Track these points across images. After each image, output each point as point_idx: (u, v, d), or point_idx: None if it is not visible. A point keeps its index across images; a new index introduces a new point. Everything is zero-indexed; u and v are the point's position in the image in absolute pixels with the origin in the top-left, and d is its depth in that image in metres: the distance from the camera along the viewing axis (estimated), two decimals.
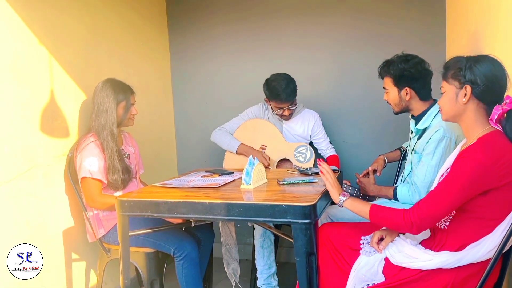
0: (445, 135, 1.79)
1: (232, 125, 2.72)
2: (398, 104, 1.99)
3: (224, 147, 2.66)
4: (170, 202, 1.64)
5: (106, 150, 2.09)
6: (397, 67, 1.92)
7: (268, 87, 2.53)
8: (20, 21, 1.93)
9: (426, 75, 1.93)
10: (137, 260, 2.08)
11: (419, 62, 1.92)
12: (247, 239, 3.08)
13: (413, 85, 1.93)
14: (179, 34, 3.31)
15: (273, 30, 3.10)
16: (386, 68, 1.98)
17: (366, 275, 1.51)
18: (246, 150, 2.58)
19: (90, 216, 2.12)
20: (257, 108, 2.77)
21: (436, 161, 1.81)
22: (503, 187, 1.29)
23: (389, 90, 2.00)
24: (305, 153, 2.58)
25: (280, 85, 2.47)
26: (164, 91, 3.30)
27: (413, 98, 1.95)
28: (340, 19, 2.96)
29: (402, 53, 1.97)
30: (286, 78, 2.51)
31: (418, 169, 1.89)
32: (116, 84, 2.17)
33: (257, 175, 1.86)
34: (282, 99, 2.49)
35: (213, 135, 2.71)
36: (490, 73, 1.34)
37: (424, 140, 1.89)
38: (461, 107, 1.41)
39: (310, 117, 2.71)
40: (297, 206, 1.49)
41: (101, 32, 2.51)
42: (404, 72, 1.91)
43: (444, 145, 1.80)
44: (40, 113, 2.03)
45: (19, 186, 1.91)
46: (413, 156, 1.97)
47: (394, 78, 1.95)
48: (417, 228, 1.38)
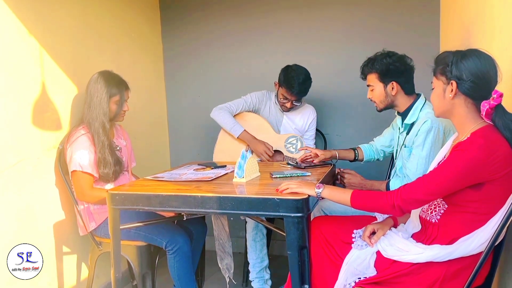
0: (433, 126, 1.83)
1: (234, 107, 2.65)
2: (383, 100, 2.00)
3: (227, 129, 2.60)
4: (161, 195, 1.63)
5: (97, 143, 2.07)
6: (382, 62, 1.95)
7: (285, 74, 2.50)
8: (9, 11, 1.90)
9: (410, 69, 1.97)
10: (128, 254, 2.07)
11: (402, 57, 1.96)
12: (239, 232, 3.08)
13: (398, 79, 1.95)
14: (172, 26, 3.28)
15: (268, 24, 3.08)
16: (371, 65, 2.00)
17: (357, 269, 1.52)
18: (249, 139, 2.54)
19: (81, 209, 2.10)
20: (260, 94, 2.73)
21: (427, 152, 1.84)
22: (496, 181, 1.30)
23: (374, 87, 2.01)
24: (296, 143, 2.59)
25: (298, 78, 2.45)
26: (156, 84, 3.27)
27: (399, 92, 1.97)
28: (334, 13, 2.94)
29: (383, 50, 1.99)
30: (306, 74, 2.50)
31: (410, 162, 1.91)
32: (112, 77, 2.14)
33: (249, 168, 1.85)
34: (293, 92, 2.48)
35: (215, 112, 2.64)
36: (475, 68, 1.33)
37: (413, 133, 1.91)
38: (449, 103, 1.41)
39: (310, 113, 2.72)
40: (290, 200, 1.49)
41: (92, 24, 2.48)
42: (390, 66, 1.94)
43: (433, 136, 1.83)
44: (30, 105, 2.00)
45: (9, 179, 1.88)
46: (404, 150, 1.98)
47: (380, 73, 1.97)
48: (399, 210, 1.39)
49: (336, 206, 2.00)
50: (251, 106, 2.70)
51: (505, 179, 1.30)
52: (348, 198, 1.51)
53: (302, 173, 1.94)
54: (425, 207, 1.51)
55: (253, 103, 2.69)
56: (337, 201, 1.57)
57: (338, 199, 1.55)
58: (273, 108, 2.71)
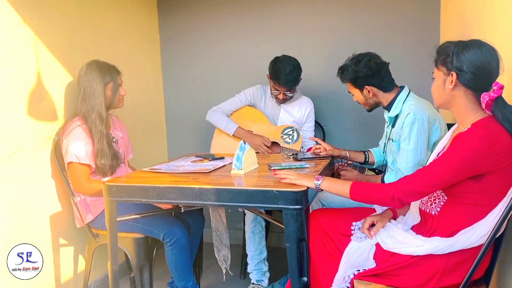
0: (416, 117, 1.84)
1: (228, 106, 2.69)
2: (366, 102, 2.07)
3: (222, 128, 2.63)
4: (159, 187, 1.61)
5: (95, 133, 2.04)
6: (350, 70, 1.99)
7: (273, 66, 2.52)
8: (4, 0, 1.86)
9: (380, 69, 1.97)
10: (126, 246, 2.06)
11: (370, 59, 1.97)
12: (237, 224, 3.07)
13: (371, 83, 1.98)
14: (169, 15, 3.23)
15: (265, 14, 3.04)
16: (342, 75, 2.05)
17: (357, 261, 1.51)
18: (244, 134, 2.56)
19: (77, 201, 2.09)
20: (255, 90, 2.74)
21: (414, 144, 1.85)
22: (496, 172, 1.29)
23: (354, 93, 2.09)
24: (292, 134, 2.59)
25: (284, 69, 2.46)
26: (153, 74, 3.24)
27: (376, 93, 2.01)
28: (333, 6, 2.90)
29: (353, 55, 2.02)
30: (293, 64, 2.49)
31: (399, 156, 1.92)
32: (101, 65, 2.11)
33: (248, 160, 1.83)
34: (281, 83, 2.49)
35: (210, 114, 2.68)
36: (477, 60, 1.31)
37: (398, 126, 1.93)
38: (449, 94, 1.39)
39: (307, 104, 2.72)
40: (288, 192, 1.47)
41: (88, 12, 2.44)
42: (358, 74, 1.97)
43: (418, 127, 1.84)
44: (26, 95, 1.97)
45: (4, 170, 1.86)
46: (392, 144, 2.00)
47: (352, 82, 2.03)
48: (399, 202, 1.38)
49: (334, 197, 1.98)
50: (247, 103, 2.71)
51: (506, 170, 1.29)
52: (347, 190, 1.49)
53: (301, 165, 1.92)
54: (425, 199, 1.50)
55: (247, 100, 2.71)
56: (336, 193, 1.55)
57: (338, 191, 1.54)
58: (269, 102, 2.71)
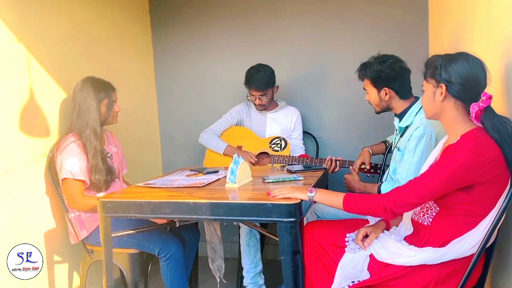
0: (425, 132, 1.82)
1: (218, 127, 2.82)
2: (378, 104, 2.03)
3: (212, 149, 2.74)
4: (153, 202, 1.62)
5: (89, 149, 2.05)
6: (374, 69, 1.95)
7: (246, 72, 2.69)
8: None
9: (403, 74, 1.96)
10: (121, 261, 2.05)
11: (395, 62, 1.95)
12: (233, 237, 3.06)
13: (391, 85, 1.95)
14: (163, 31, 3.27)
15: (257, 28, 3.08)
16: (363, 71, 2.01)
17: (351, 272, 1.51)
18: (233, 151, 2.65)
19: (72, 217, 2.08)
20: (239, 106, 2.88)
21: (417, 158, 1.84)
22: (486, 183, 1.31)
23: (369, 91, 2.04)
24: (280, 143, 2.70)
25: (255, 74, 2.61)
26: (147, 89, 3.25)
27: (393, 97, 1.98)
28: (324, 16, 2.96)
29: (378, 54, 1.99)
30: (263, 68, 2.64)
31: (401, 167, 1.91)
32: (97, 81, 2.13)
33: (242, 173, 1.84)
34: (252, 86, 2.64)
35: (201, 137, 2.80)
36: (464, 72, 1.35)
37: (406, 137, 1.92)
38: (439, 106, 1.42)
39: (294, 112, 2.84)
40: (282, 205, 1.48)
41: (81, 29, 2.46)
42: (381, 74, 1.94)
43: (425, 142, 1.82)
44: (19, 112, 1.98)
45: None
46: (397, 153, 1.99)
47: (372, 80, 1.99)
48: (391, 213, 1.40)
49: (329, 209, 1.99)
50: (234, 120, 2.84)
51: (495, 181, 1.31)
52: (340, 201, 1.51)
53: (294, 177, 1.94)
54: (417, 209, 1.51)
55: (234, 118, 2.84)
56: (329, 204, 1.57)
57: (331, 203, 1.55)
58: (255, 114, 2.84)
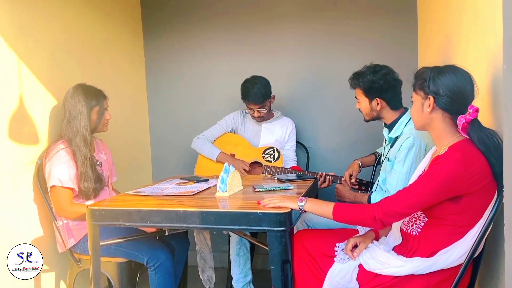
0: (415, 143, 1.84)
1: (212, 133, 2.79)
2: (369, 113, 2.04)
3: (205, 155, 2.71)
4: (143, 210, 1.61)
5: (79, 156, 2.04)
6: (366, 79, 1.96)
7: (241, 87, 2.65)
8: None
9: (395, 85, 1.97)
10: (109, 271, 2.02)
11: (388, 73, 1.96)
12: (223, 246, 3.04)
13: (383, 96, 1.97)
14: (155, 40, 3.27)
15: (249, 36, 3.10)
16: (356, 80, 2.02)
17: (340, 282, 1.52)
18: (226, 159, 2.61)
19: (60, 225, 2.06)
20: (235, 114, 2.85)
21: (407, 168, 1.85)
22: (474, 193, 1.32)
23: (361, 100, 2.05)
24: (273, 153, 2.68)
25: (252, 88, 2.58)
26: (138, 96, 3.25)
27: (384, 108, 2.00)
28: (315, 26, 2.99)
29: (371, 64, 2.00)
30: (260, 82, 2.60)
31: (391, 177, 1.93)
32: (88, 89, 2.12)
33: (232, 182, 1.84)
34: (250, 100, 2.61)
35: (194, 142, 2.76)
36: (452, 84, 1.37)
37: (396, 147, 1.93)
38: (427, 117, 1.45)
39: (289, 124, 2.83)
40: (272, 214, 1.48)
41: (73, 36, 2.45)
42: (373, 84, 1.95)
43: (414, 153, 1.84)
44: (7, 119, 1.96)
45: None
46: (387, 164, 2.01)
47: (364, 90, 2.00)
48: (380, 223, 1.41)
49: (320, 218, 2.00)
50: (229, 128, 2.81)
51: (482, 191, 1.33)
52: (330, 211, 1.51)
53: (285, 186, 1.94)
54: (406, 220, 1.52)
55: (229, 125, 2.81)
56: (319, 214, 1.57)
57: (321, 213, 1.56)
58: (250, 123, 2.81)
